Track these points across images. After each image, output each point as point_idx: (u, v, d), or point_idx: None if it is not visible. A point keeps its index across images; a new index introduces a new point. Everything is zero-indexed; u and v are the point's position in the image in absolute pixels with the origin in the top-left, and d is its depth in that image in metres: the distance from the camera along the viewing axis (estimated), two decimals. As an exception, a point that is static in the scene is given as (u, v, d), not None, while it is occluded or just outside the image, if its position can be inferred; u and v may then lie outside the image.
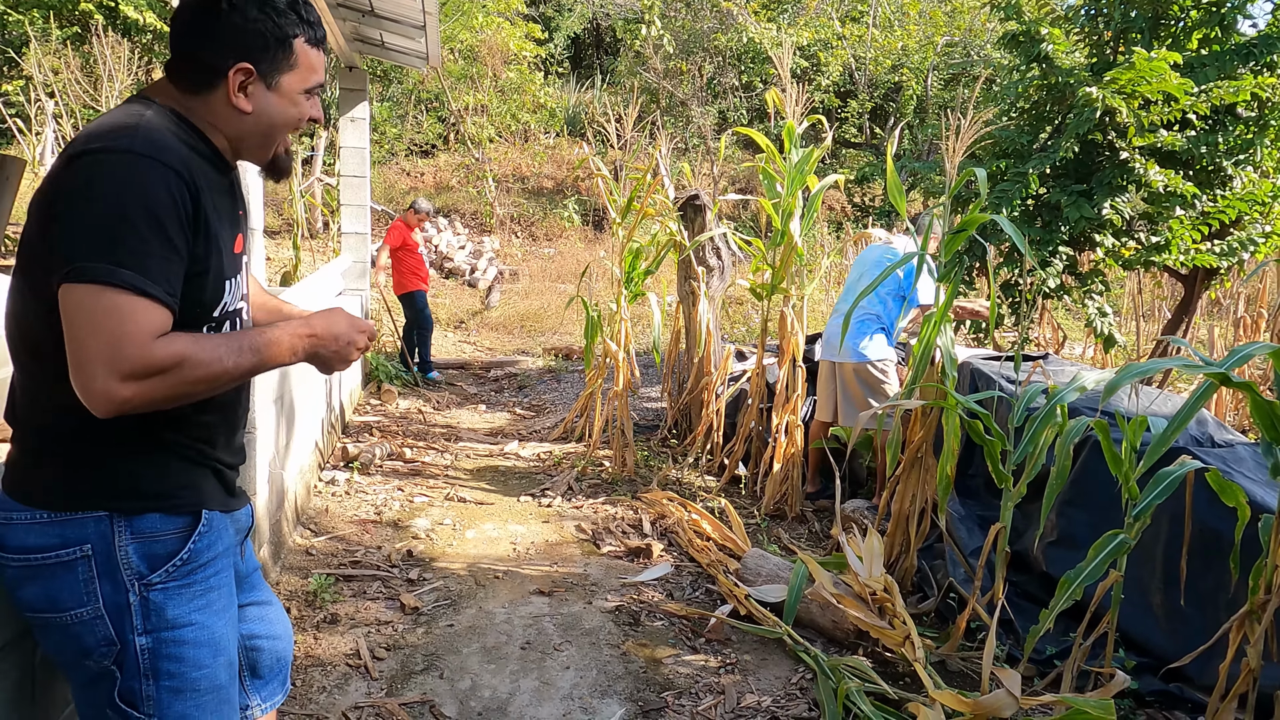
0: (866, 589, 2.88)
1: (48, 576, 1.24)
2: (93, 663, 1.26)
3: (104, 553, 1.24)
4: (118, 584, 1.25)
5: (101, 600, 1.24)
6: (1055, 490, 2.38)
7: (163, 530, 1.28)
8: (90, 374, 1.11)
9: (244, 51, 1.27)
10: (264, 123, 1.32)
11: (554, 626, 2.95)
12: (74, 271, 1.11)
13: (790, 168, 4.06)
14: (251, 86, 1.29)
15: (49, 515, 1.23)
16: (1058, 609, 2.39)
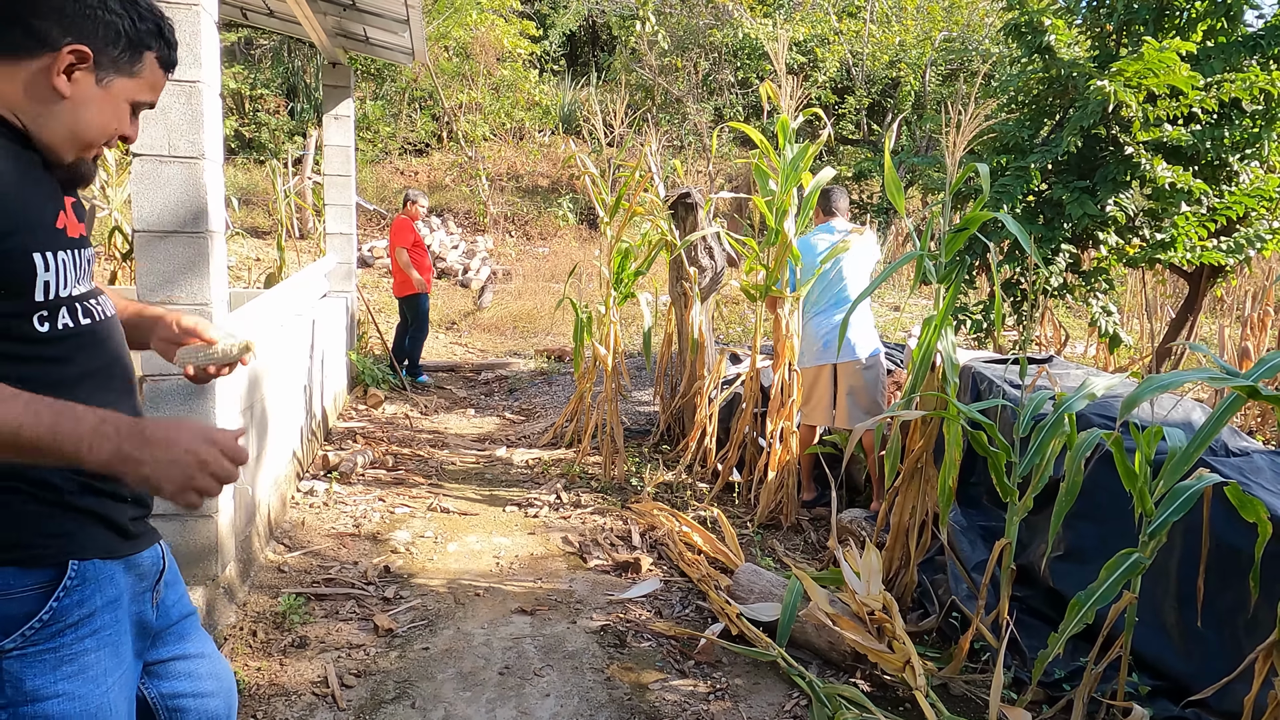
0: (864, 608, 2.73)
1: None
2: None
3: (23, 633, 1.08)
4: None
5: None
6: (1065, 507, 2.23)
7: (16, 587, 1.09)
8: None
9: (87, 37, 1.13)
10: (75, 116, 1.15)
11: (535, 649, 2.80)
12: None
13: (784, 164, 3.90)
14: (79, 73, 1.13)
15: None
16: (1068, 633, 2.24)
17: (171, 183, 2.49)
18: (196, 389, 2.58)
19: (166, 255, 2.51)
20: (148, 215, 2.49)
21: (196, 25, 2.44)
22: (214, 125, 2.57)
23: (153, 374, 2.56)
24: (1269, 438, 4.94)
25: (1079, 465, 2.19)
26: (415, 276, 6.59)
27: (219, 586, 2.75)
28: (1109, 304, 5.69)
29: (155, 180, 2.48)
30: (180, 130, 2.47)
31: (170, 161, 2.48)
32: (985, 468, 3.42)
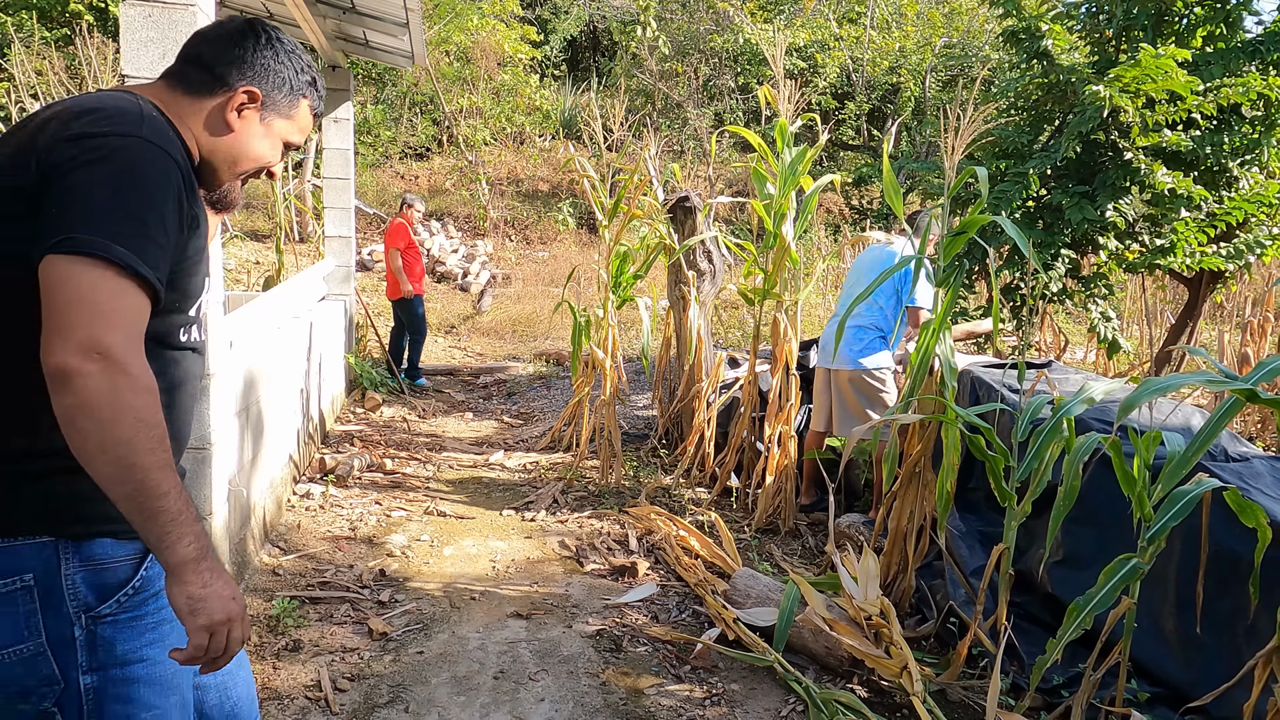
0: (862, 613, 2.71)
1: None
2: (29, 705, 1.14)
3: (47, 583, 1.13)
4: (62, 617, 1.14)
5: (45, 635, 1.13)
6: (1063, 511, 2.22)
7: (113, 556, 1.17)
8: (61, 339, 1.01)
9: (259, 82, 1.32)
10: (240, 147, 1.32)
11: (530, 653, 2.78)
12: (66, 241, 1.03)
13: (783, 168, 3.90)
14: (248, 110, 1.31)
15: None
16: (1066, 639, 2.23)
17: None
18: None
19: (161, 256, 2.50)
20: (143, 216, 2.48)
21: (193, 26, 2.43)
22: (210, 126, 2.56)
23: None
24: (1269, 443, 4.93)
25: (1077, 469, 2.17)
26: (405, 285, 6.61)
27: (213, 589, 2.73)
28: (1108, 309, 5.68)
29: (151, 181, 2.47)
30: (176, 131, 2.46)
31: (166, 162, 2.47)
32: (984, 472, 3.40)
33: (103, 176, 1.08)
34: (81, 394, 1.01)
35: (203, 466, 2.61)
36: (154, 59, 2.42)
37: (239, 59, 1.30)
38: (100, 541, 1.15)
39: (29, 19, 11.74)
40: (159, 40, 2.42)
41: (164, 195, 1.11)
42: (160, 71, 2.33)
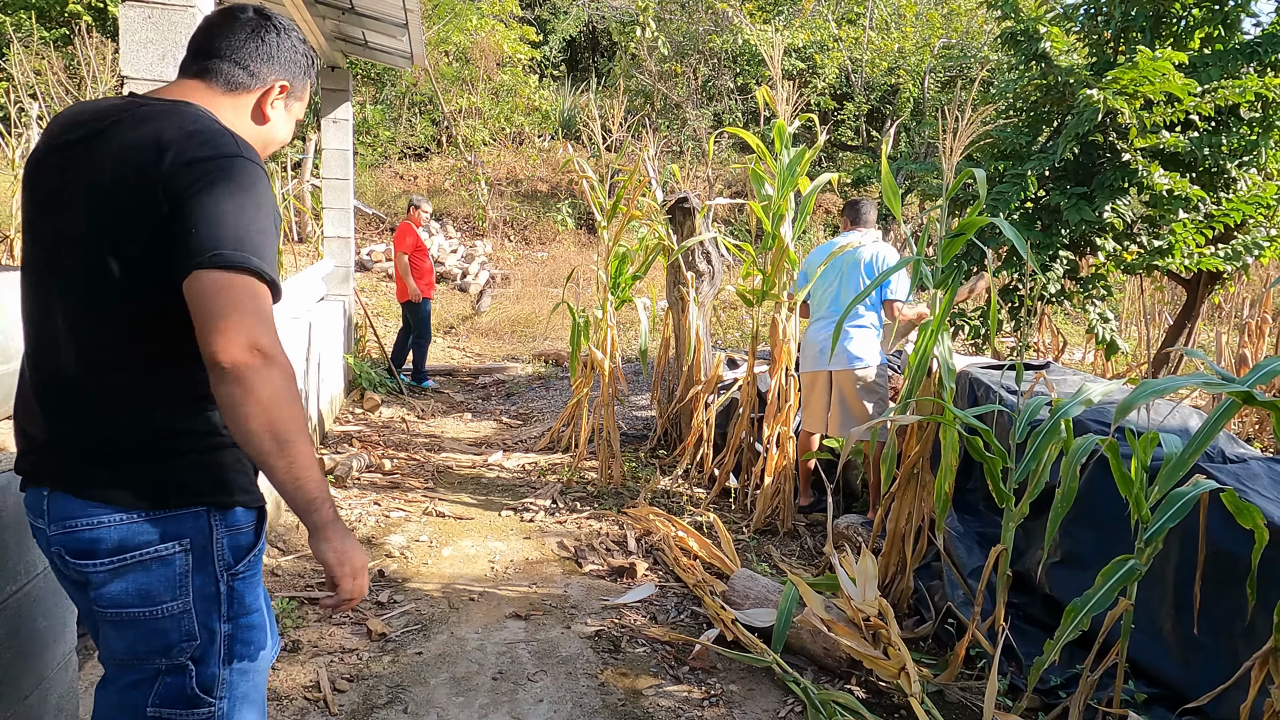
0: (860, 614, 2.72)
1: (141, 572, 1.27)
2: (166, 659, 1.29)
3: (201, 547, 1.29)
4: (209, 576, 1.31)
5: (192, 593, 1.29)
6: (1061, 513, 2.22)
7: (244, 523, 1.35)
8: (227, 339, 1.18)
9: (288, 72, 1.47)
10: (270, 134, 1.49)
11: (529, 654, 2.78)
12: (216, 257, 1.19)
13: (781, 169, 3.90)
14: (279, 101, 1.48)
15: (144, 514, 1.26)
16: (1064, 640, 2.23)
17: (166, 184, 2.48)
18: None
19: (160, 257, 2.50)
20: (142, 217, 2.48)
21: (192, 27, 2.43)
22: (209, 127, 2.56)
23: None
24: (1267, 445, 4.93)
25: (1075, 471, 2.18)
26: (411, 285, 6.61)
27: (211, 590, 2.73)
28: (1106, 311, 5.69)
29: (150, 182, 2.47)
30: (175, 132, 2.46)
31: (165, 163, 2.47)
32: (982, 473, 3.41)
33: (225, 196, 1.22)
34: (249, 384, 1.18)
35: (201, 467, 2.61)
36: (153, 59, 2.42)
37: (267, 55, 1.43)
38: (236, 510, 1.33)
39: (28, 19, 11.74)
40: (158, 41, 2.42)
41: (268, 204, 1.28)
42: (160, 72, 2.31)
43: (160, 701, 1.31)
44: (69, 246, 1.27)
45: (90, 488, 1.26)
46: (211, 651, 1.32)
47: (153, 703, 1.31)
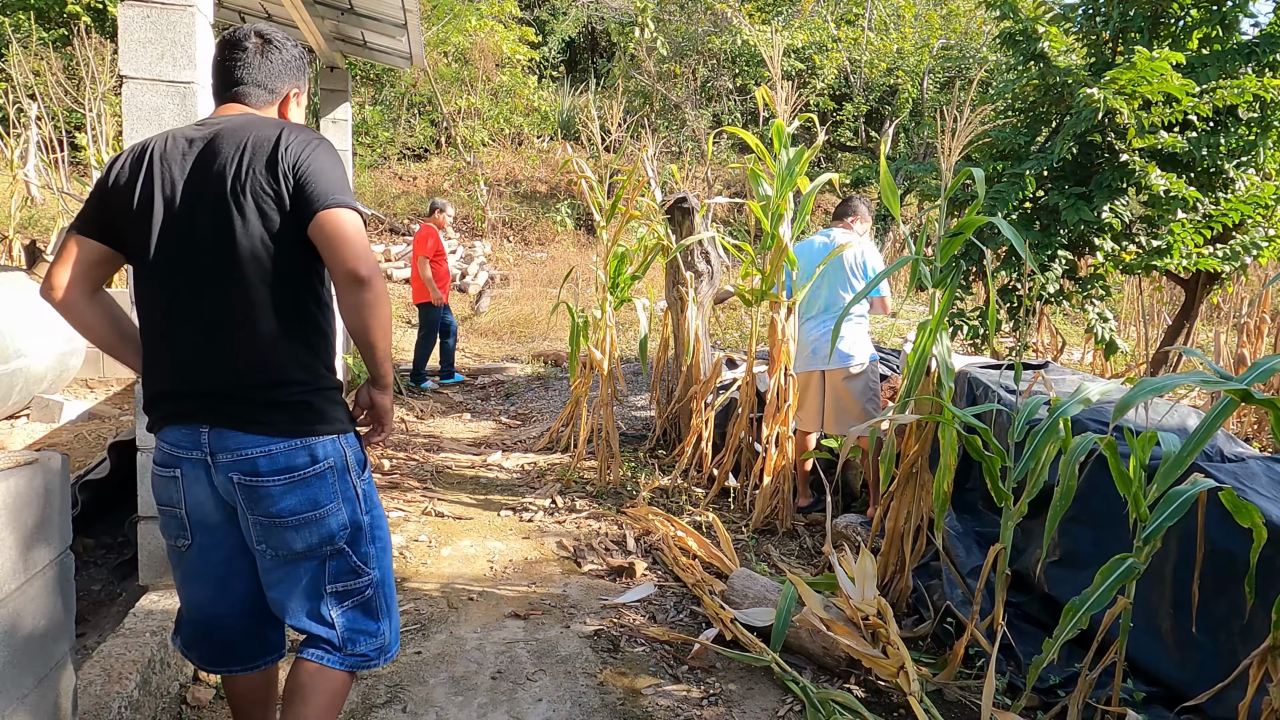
0: (859, 613, 2.72)
1: (306, 486, 1.69)
2: (331, 547, 1.73)
3: (340, 463, 1.74)
4: (348, 483, 1.76)
5: (341, 496, 1.74)
6: (1060, 511, 2.22)
7: (356, 443, 1.81)
8: (358, 262, 1.62)
9: (294, 78, 1.87)
10: None
11: (528, 654, 2.78)
12: (336, 202, 1.63)
13: (780, 169, 3.90)
14: (295, 102, 1.89)
15: (300, 441, 1.68)
16: (1062, 639, 2.23)
17: (165, 184, 2.48)
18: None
19: (159, 256, 2.50)
20: (141, 216, 2.48)
21: (191, 27, 2.44)
22: (208, 126, 2.57)
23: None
24: (1265, 444, 4.94)
25: (1074, 470, 2.18)
26: (435, 293, 6.69)
27: (210, 590, 2.73)
28: (1105, 310, 5.69)
29: (149, 181, 2.47)
30: (174, 131, 2.46)
31: (164, 162, 2.47)
32: (980, 473, 3.41)
33: (326, 163, 1.67)
34: (376, 291, 1.64)
35: (200, 467, 2.61)
36: (152, 59, 2.43)
37: (279, 71, 1.83)
38: (350, 434, 1.79)
39: (26, 20, 11.74)
40: (156, 40, 2.42)
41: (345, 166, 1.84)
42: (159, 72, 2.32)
43: (334, 578, 1.75)
44: (209, 228, 1.63)
45: (256, 424, 1.65)
46: (361, 536, 1.78)
47: (329, 580, 1.75)
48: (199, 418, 1.66)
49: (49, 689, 1.66)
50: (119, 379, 6.32)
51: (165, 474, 1.73)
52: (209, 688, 2.44)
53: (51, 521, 1.66)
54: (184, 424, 1.68)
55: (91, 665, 2.17)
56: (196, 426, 1.67)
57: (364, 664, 1.82)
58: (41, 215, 9.80)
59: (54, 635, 1.68)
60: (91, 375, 6.25)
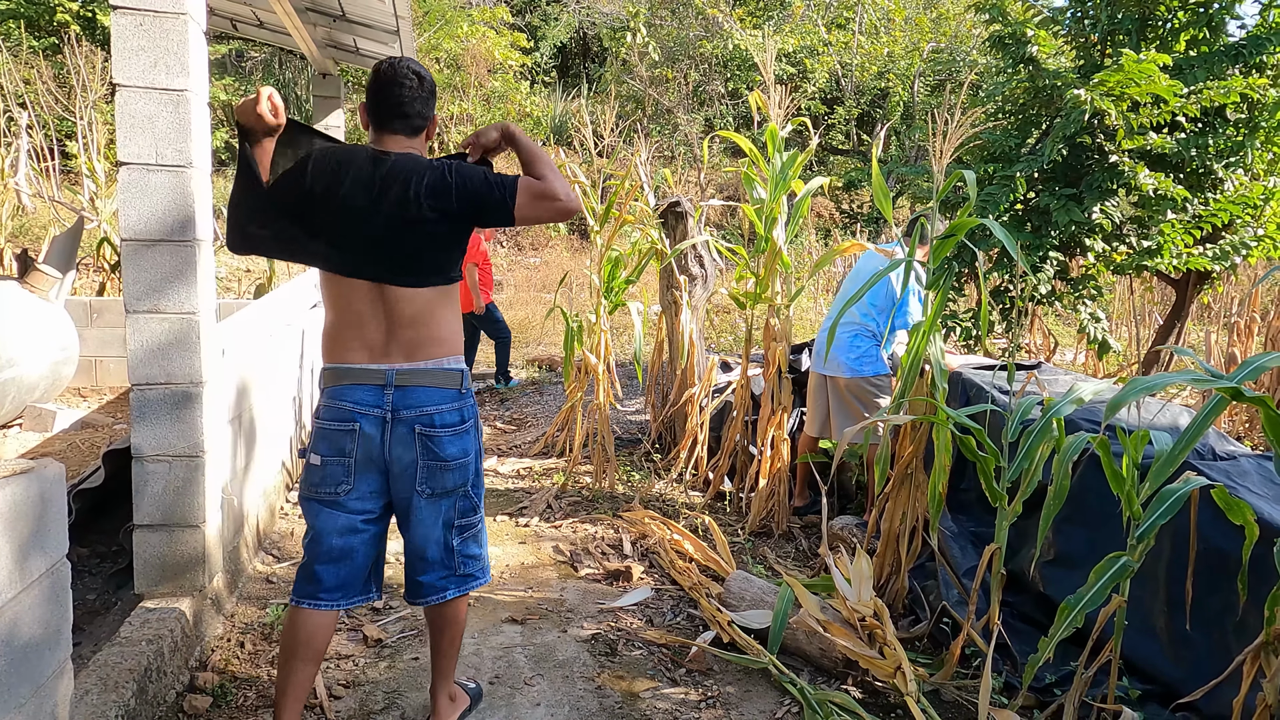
0: (856, 614, 2.73)
1: (463, 436, 2.14)
2: (464, 486, 2.17)
3: (475, 417, 2.20)
4: (479, 433, 2.23)
5: (475, 447, 2.20)
6: (1053, 510, 2.24)
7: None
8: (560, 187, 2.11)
9: (434, 106, 2.21)
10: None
11: (525, 658, 2.78)
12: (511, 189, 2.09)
13: (774, 172, 3.92)
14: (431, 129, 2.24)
15: (458, 400, 2.13)
16: (1057, 637, 2.24)
17: (158, 191, 2.48)
18: (182, 397, 2.57)
19: (153, 264, 2.50)
20: (134, 223, 2.48)
21: (184, 34, 2.44)
22: (202, 134, 2.57)
23: (139, 383, 2.54)
24: (1257, 442, 4.97)
25: (1066, 469, 2.19)
26: (478, 301, 6.73)
27: (206, 598, 2.73)
28: (1097, 311, 5.72)
29: (142, 189, 2.47)
30: (168, 139, 2.47)
31: (157, 170, 2.47)
32: (975, 473, 3.43)
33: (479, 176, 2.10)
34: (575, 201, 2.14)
35: (195, 474, 2.61)
36: (145, 66, 2.43)
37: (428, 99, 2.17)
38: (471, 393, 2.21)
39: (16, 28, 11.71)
40: (149, 48, 2.42)
41: None
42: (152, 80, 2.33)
43: (459, 513, 2.19)
44: (393, 231, 2.03)
45: (432, 386, 2.08)
46: (479, 481, 2.22)
47: (458, 514, 2.18)
48: (381, 378, 2.08)
49: (46, 698, 1.65)
50: (112, 387, 6.30)
51: (343, 428, 2.08)
52: (206, 695, 2.43)
53: (48, 530, 1.66)
54: (367, 382, 2.07)
55: (88, 674, 2.17)
56: (379, 387, 2.07)
57: (473, 583, 2.26)
58: (33, 224, 9.77)
59: (51, 644, 1.68)
60: (85, 384, 6.23)
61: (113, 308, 6.30)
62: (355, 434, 2.07)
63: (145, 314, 2.52)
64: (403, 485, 2.10)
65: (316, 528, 2.12)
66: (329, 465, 2.09)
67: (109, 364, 6.28)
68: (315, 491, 2.11)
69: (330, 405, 2.10)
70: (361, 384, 2.07)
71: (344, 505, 2.10)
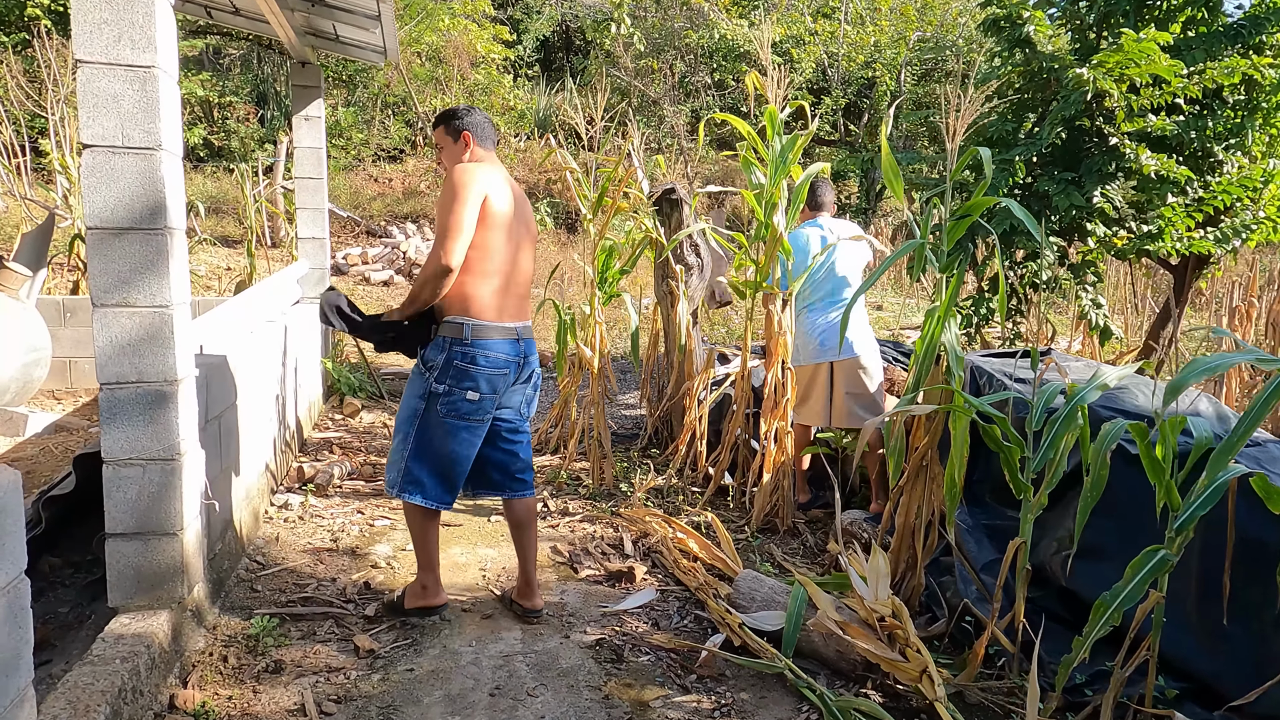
0: (874, 614, 2.60)
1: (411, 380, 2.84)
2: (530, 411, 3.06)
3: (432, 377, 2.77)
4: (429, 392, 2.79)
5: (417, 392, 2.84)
6: (1091, 502, 2.11)
7: None
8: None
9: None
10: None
11: (527, 667, 2.64)
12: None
13: (773, 156, 3.78)
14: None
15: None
16: (1094, 636, 2.12)
17: (125, 175, 2.31)
18: (156, 397, 2.40)
19: (122, 254, 2.33)
20: (100, 210, 2.31)
21: (150, 6, 2.27)
22: (171, 114, 2.40)
23: (109, 381, 2.37)
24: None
25: (1105, 458, 2.07)
26: None
27: (185, 609, 2.56)
28: (1098, 297, 5.63)
29: (108, 173, 2.30)
30: (134, 119, 2.29)
31: (124, 153, 2.30)
32: (988, 464, 3.31)
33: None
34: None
35: (172, 478, 2.44)
36: (109, 41, 2.25)
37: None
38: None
39: (-17, 22, 11.37)
40: (113, 21, 2.25)
41: None
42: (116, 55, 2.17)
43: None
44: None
45: (533, 340, 2.86)
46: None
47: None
48: (520, 333, 2.80)
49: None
50: (87, 389, 6.09)
51: (501, 373, 2.74)
52: (186, 716, 2.27)
53: (2, 545, 1.49)
54: (512, 336, 2.76)
55: (56, 697, 2.00)
56: (518, 341, 2.78)
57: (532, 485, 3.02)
58: (4, 223, 9.49)
59: (8, 669, 1.52)
60: (58, 386, 6.02)
61: (86, 307, 6.08)
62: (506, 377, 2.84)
63: (114, 308, 2.35)
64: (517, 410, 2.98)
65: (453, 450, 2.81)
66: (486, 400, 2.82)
67: (83, 365, 6.07)
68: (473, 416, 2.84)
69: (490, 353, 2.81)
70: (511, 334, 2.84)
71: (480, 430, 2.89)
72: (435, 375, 2.70)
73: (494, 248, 2.68)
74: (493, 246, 2.68)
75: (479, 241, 2.65)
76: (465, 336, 2.67)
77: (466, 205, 2.60)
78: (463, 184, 2.62)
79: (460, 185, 2.61)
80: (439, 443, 2.72)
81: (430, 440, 2.73)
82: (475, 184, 2.62)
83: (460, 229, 2.58)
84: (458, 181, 2.62)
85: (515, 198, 2.78)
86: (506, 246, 2.72)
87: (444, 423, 2.70)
